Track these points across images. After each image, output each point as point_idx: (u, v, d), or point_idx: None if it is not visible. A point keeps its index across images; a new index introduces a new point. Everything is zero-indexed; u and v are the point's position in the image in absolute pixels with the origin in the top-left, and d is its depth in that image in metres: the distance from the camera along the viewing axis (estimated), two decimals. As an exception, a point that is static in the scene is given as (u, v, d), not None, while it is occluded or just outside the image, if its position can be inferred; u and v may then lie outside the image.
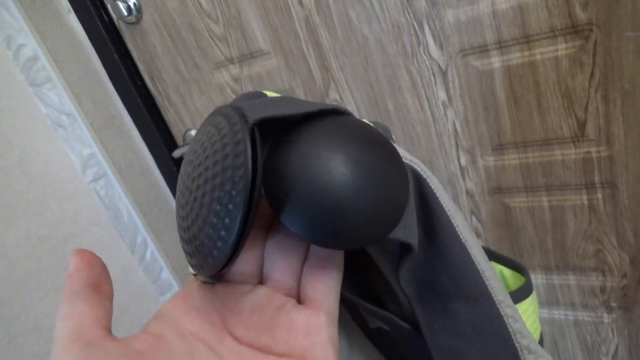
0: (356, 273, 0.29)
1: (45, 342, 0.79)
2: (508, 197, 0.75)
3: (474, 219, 0.80)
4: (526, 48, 0.61)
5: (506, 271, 0.45)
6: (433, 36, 0.65)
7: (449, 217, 0.24)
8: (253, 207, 0.17)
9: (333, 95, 0.77)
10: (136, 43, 0.87)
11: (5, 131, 0.79)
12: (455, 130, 0.72)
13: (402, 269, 0.24)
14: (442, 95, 0.70)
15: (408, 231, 0.21)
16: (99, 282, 0.17)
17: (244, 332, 0.19)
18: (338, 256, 0.21)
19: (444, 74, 0.68)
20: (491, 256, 0.45)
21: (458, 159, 0.75)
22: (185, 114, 0.92)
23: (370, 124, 0.21)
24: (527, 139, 0.68)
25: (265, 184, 0.19)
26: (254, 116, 0.18)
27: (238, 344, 0.18)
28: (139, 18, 0.83)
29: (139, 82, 0.91)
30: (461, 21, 0.63)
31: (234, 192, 0.16)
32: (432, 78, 0.69)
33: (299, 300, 0.21)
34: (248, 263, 0.21)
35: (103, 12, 0.85)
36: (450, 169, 0.76)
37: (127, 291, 0.97)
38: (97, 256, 0.18)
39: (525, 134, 0.68)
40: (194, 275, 0.22)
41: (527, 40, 0.61)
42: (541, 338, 0.41)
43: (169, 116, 0.94)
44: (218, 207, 0.17)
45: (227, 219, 0.17)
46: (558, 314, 0.84)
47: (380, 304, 0.28)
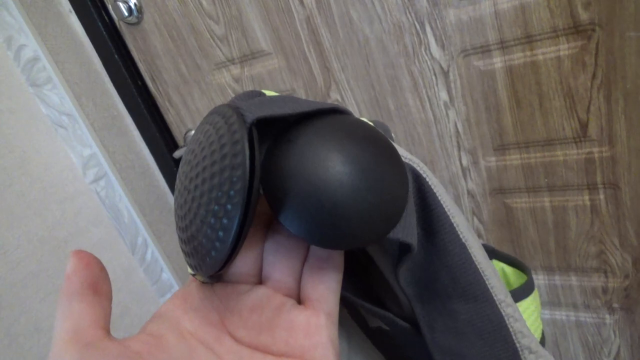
0: (356, 273, 0.29)
1: (45, 344, 0.79)
2: (510, 198, 0.75)
3: (476, 220, 0.80)
4: (528, 48, 0.61)
5: (508, 269, 0.44)
6: (434, 36, 0.65)
7: (449, 216, 0.24)
8: (251, 208, 0.17)
9: (334, 95, 0.77)
10: (137, 43, 0.87)
11: (5, 132, 0.79)
12: (456, 130, 0.72)
13: (402, 268, 0.24)
14: (444, 95, 0.70)
15: (407, 231, 0.21)
16: (98, 283, 0.17)
17: (243, 332, 0.19)
18: (338, 256, 0.21)
19: (446, 74, 0.68)
20: (493, 254, 0.45)
21: (460, 160, 0.75)
22: (185, 115, 0.92)
23: (369, 123, 0.21)
24: (529, 140, 0.68)
25: (263, 184, 0.19)
26: (252, 116, 0.18)
27: (237, 344, 0.18)
28: (140, 18, 0.83)
29: (140, 83, 0.91)
30: (463, 21, 0.63)
31: (232, 193, 0.16)
32: (434, 78, 0.69)
33: (299, 300, 0.21)
34: (247, 263, 0.21)
35: (104, 13, 0.85)
36: (451, 170, 0.76)
37: (128, 292, 0.96)
38: (95, 257, 0.18)
39: (527, 135, 0.68)
40: (193, 275, 0.21)
41: (529, 40, 0.61)
42: (543, 337, 0.40)
43: (170, 117, 0.94)
44: (216, 208, 0.17)
45: (225, 220, 0.17)
46: (560, 315, 0.84)
47: (380, 304, 0.28)
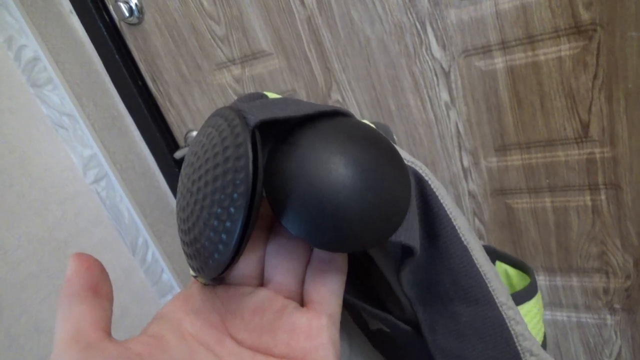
0: (357, 274, 0.29)
1: (46, 344, 0.79)
2: (511, 199, 0.75)
3: (477, 221, 0.79)
4: (529, 48, 0.61)
5: (511, 271, 0.44)
6: (436, 36, 0.65)
7: (451, 219, 0.24)
8: (254, 211, 0.17)
9: (335, 96, 0.77)
10: (138, 44, 0.87)
11: (6, 132, 0.78)
12: (457, 131, 0.72)
13: (404, 271, 0.24)
14: (445, 96, 0.69)
15: (410, 234, 0.21)
16: (98, 285, 0.17)
17: (245, 334, 0.19)
18: (341, 259, 0.21)
19: (447, 75, 0.68)
20: (496, 255, 0.45)
21: (461, 160, 0.74)
22: (186, 115, 0.92)
23: (371, 125, 0.21)
24: (530, 140, 0.68)
25: (266, 187, 0.19)
26: (255, 118, 0.18)
27: (238, 346, 0.18)
28: (141, 19, 0.83)
29: (141, 83, 0.91)
30: (464, 21, 0.63)
31: (235, 195, 0.16)
32: (435, 79, 0.69)
33: (302, 302, 0.21)
34: (249, 265, 0.21)
35: (105, 13, 0.85)
36: (452, 170, 0.76)
37: (128, 293, 0.96)
38: (96, 259, 0.18)
39: (528, 135, 0.68)
40: (195, 277, 0.21)
41: (531, 40, 0.60)
42: (544, 340, 0.40)
43: (170, 117, 0.94)
44: (219, 210, 0.17)
45: (229, 222, 0.17)
46: (561, 316, 0.84)
47: (381, 306, 0.28)
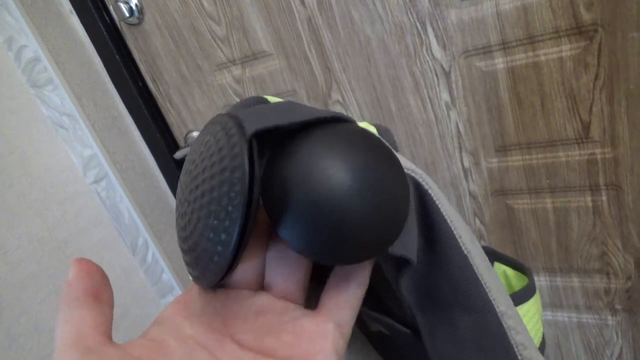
0: None
1: (46, 344, 0.79)
2: (511, 199, 0.75)
3: (477, 221, 0.79)
4: (530, 49, 0.61)
5: (510, 272, 0.44)
6: (436, 37, 0.65)
7: (451, 229, 0.24)
8: (250, 223, 0.16)
9: (335, 96, 0.77)
10: (138, 44, 0.87)
11: (6, 132, 0.78)
12: (458, 131, 0.72)
13: (403, 278, 0.24)
14: (445, 96, 0.69)
15: (408, 246, 0.20)
16: (99, 290, 0.17)
17: (247, 336, 0.19)
18: (363, 272, 0.21)
19: (447, 75, 0.68)
20: (495, 256, 0.45)
21: (461, 161, 0.74)
22: (186, 116, 0.92)
23: (371, 132, 0.20)
24: (531, 141, 0.68)
25: (263, 198, 0.19)
26: (252, 128, 0.17)
27: (240, 349, 0.18)
28: (141, 19, 0.83)
29: (141, 84, 0.91)
30: (464, 22, 0.62)
31: (230, 208, 0.16)
32: (435, 79, 0.69)
33: (305, 307, 0.21)
34: (249, 271, 0.21)
35: (105, 14, 0.85)
36: (453, 171, 0.76)
37: (128, 293, 0.96)
38: (97, 265, 0.18)
39: (529, 136, 0.68)
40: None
41: (531, 41, 0.60)
42: (543, 340, 0.40)
43: (171, 117, 0.94)
44: (215, 222, 0.17)
45: (224, 234, 0.17)
46: (562, 317, 0.84)
47: (382, 306, 0.28)
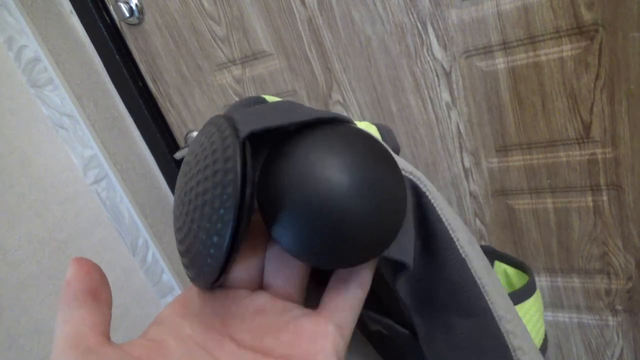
0: None
1: (46, 345, 0.79)
2: (512, 199, 0.75)
3: (478, 221, 0.79)
4: (531, 49, 0.61)
5: (510, 270, 0.44)
6: (437, 37, 0.65)
7: (449, 231, 0.24)
8: (242, 226, 0.16)
9: (336, 96, 0.77)
10: (138, 44, 0.87)
11: (6, 133, 0.78)
12: (459, 131, 0.72)
13: (400, 280, 0.24)
14: (446, 96, 0.69)
15: (404, 249, 0.20)
16: (97, 290, 0.17)
17: (246, 335, 0.19)
18: (365, 274, 0.21)
19: (448, 75, 0.67)
20: (495, 255, 0.45)
21: (462, 161, 0.74)
22: (187, 116, 0.92)
23: (369, 134, 0.20)
24: (532, 141, 0.68)
25: (258, 199, 0.19)
26: (246, 129, 0.17)
27: (239, 348, 0.18)
28: (141, 19, 0.83)
29: (141, 84, 0.91)
30: (465, 22, 0.62)
31: (222, 211, 0.16)
32: (436, 79, 0.69)
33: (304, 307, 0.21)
34: (248, 270, 0.21)
35: (105, 14, 0.85)
36: (453, 171, 0.76)
37: (128, 293, 0.96)
38: (96, 264, 0.18)
39: (529, 136, 0.67)
40: None
41: (532, 41, 0.60)
42: (545, 338, 0.40)
43: (171, 117, 0.94)
44: (207, 225, 0.17)
45: (216, 237, 0.17)
46: (562, 317, 0.84)
47: (381, 306, 0.28)
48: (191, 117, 0.92)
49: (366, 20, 0.68)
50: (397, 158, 0.23)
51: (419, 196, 0.23)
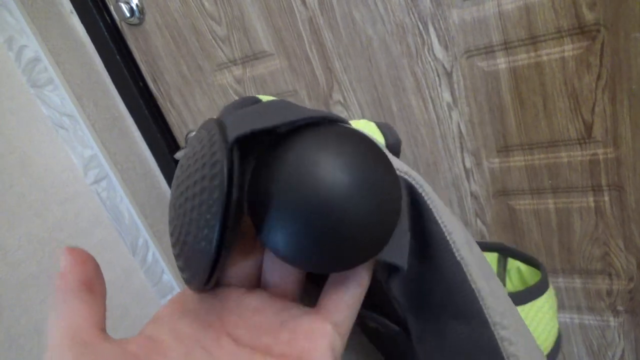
0: None
1: (46, 345, 0.79)
2: (513, 200, 0.74)
3: (479, 222, 0.79)
4: (532, 49, 0.61)
5: (523, 267, 0.44)
6: (438, 37, 0.65)
7: (444, 234, 0.23)
8: (228, 232, 0.16)
9: (336, 96, 0.76)
10: (138, 44, 0.87)
11: (6, 133, 0.78)
12: (460, 131, 0.71)
13: (394, 281, 0.23)
14: (447, 96, 0.69)
15: (398, 252, 0.20)
16: (93, 281, 0.17)
17: (244, 333, 0.19)
18: (363, 273, 0.21)
19: (449, 75, 0.67)
20: (508, 252, 0.44)
21: (463, 161, 0.74)
22: (187, 116, 0.92)
23: (361, 133, 0.20)
24: (533, 141, 0.68)
25: (249, 205, 0.19)
26: (234, 134, 0.17)
27: (236, 345, 0.18)
28: (142, 19, 0.83)
29: (141, 84, 0.91)
30: (466, 22, 0.62)
31: (209, 216, 0.16)
32: (437, 79, 0.68)
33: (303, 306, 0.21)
34: (247, 269, 0.21)
35: (105, 14, 0.85)
36: (454, 171, 0.76)
37: (128, 293, 0.96)
38: (89, 254, 0.18)
39: (531, 136, 0.67)
40: None
41: (534, 41, 0.60)
42: (559, 336, 0.39)
43: (171, 118, 0.93)
44: (195, 230, 0.17)
45: (203, 242, 0.17)
46: (563, 318, 0.84)
47: (373, 301, 0.28)
48: (192, 117, 0.92)
49: (367, 20, 0.68)
50: (393, 158, 0.23)
51: (415, 197, 0.23)
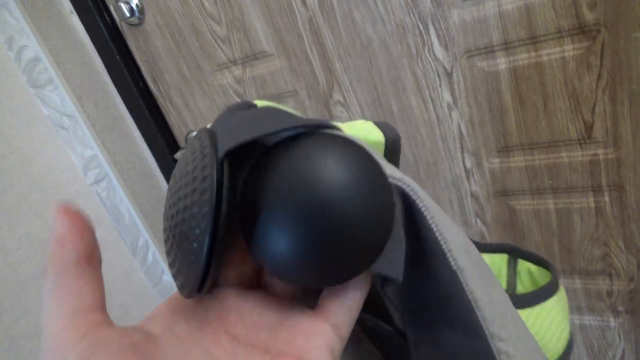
0: None
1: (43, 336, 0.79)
2: (514, 200, 0.74)
3: (479, 222, 0.79)
4: (532, 49, 0.61)
5: (534, 268, 0.43)
6: (438, 37, 0.65)
7: (440, 242, 0.22)
8: (217, 244, 0.17)
9: (337, 97, 0.76)
10: (138, 44, 0.86)
11: (6, 133, 0.78)
12: (460, 132, 0.71)
13: (389, 287, 0.23)
14: (447, 96, 0.69)
15: (393, 263, 0.20)
16: (92, 251, 0.16)
17: (243, 331, 0.19)
18: (363, 276, 0.20)
19: (449, 75, 0.67)
20: (517, 253, 0.44)
21: (463, 161, 0.74)
22: (187, 116, 0.92)
23: (352, 141, 0.20)
24: (533, 141, 0.68)
25: (240, 218, 0.19)
26: (224, 148, 0.17)
27: (234, 343, 0.18)
28: (142, 19, 0.83)
29: (141, 84, 0.91)
30: (467, 22, 0.62)
31: (198, 231, 0.17)
32: (437, 79, 0.68)
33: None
34: (245, 268, 0.21)
35: (105, 14, 0.85)
36: (455, 172, 0.76)
37: (128, 294, 0.96)
38: (86, 217, 0.16)
39: (531, 136, 0.67)
40: None
41: (534, 41, 0.60)
42: (570, 339, 0.38)
43: (171, 118, 0.93)
44: (185, 242, 0.17)
45: (192, 256, 0.17)
46: (564, 318, 0.83)
47: (370, 303, 0.28)
48: (192, 118, 0.91)
49: (367, 20, 0.68)
50: (386, 165, 0.22)
51: (409, 204, 0.22)
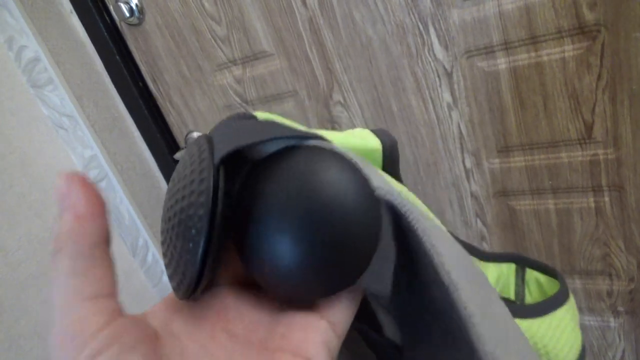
0: None
1: (46, 346, 0.79)
2: (514, 200, 0.74)
3: (479, 222, 0.79)
4: (533, 49, 0.61)
5: (542, 277, 0.43)
6: (438, 37, 0.65)
7: (431, 256, 0.22)
8: (212, 246, 0.17)
9: (337, 97, 0.76)
10: (138, 44, 0.86)
11: (6, 133, 0.78)
12: (460, 132, 0.71)
13: (381, 299, 0.23)
14: (447, 96, 0.69)
15: (379, 279, 0.20)
16: (109, 233, 0.16)
17: (240, 328, 0.19)
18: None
19: (449, 75, 0.67)
20: (525, 262, 0.44)
21: (463, 161, 0.74)
22: (187, 116, 0.92)
23: (337, 153, 0.20)
24: (533, 141, 0.68)
25: (232, 227, 0.19)
26: (221, 153, 0.18)
27: (231, 340, 0.18)
28: (141, 19, 0.83)
29: (141, 84, 0.91)
30: (467, 22, 0.62)
31: (194, 231, 0.17)
32: (437, 79, 0.68)
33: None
34: (244, 269, 0.21)
35: (105, 14, 0.85)
36: (455, 172, 0.76)
37: (128, 294, 0.96)
38: (99, 191, 0.16)
39: (531, 136, 0.67)
40: None
41: (534, 41, 0.60)
42: (583, 349, 0.37)
43: (171, 118, 0.93)
44: (182, 243, 0.18)
45: (189, 255, 0.17)
46: (564, 318, 0.83)
47: (364, 311, 0.28)
48: (191, 118, 0.91)
49: (367, 20, 0.67)
50: (375, 176, 0.22)
51: (398, 217, 0.22)
